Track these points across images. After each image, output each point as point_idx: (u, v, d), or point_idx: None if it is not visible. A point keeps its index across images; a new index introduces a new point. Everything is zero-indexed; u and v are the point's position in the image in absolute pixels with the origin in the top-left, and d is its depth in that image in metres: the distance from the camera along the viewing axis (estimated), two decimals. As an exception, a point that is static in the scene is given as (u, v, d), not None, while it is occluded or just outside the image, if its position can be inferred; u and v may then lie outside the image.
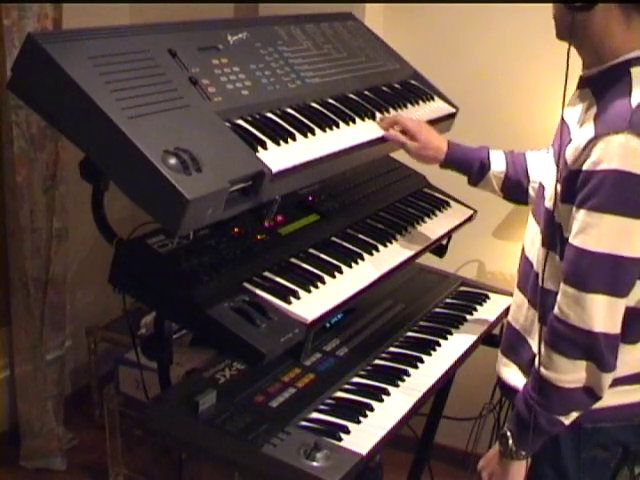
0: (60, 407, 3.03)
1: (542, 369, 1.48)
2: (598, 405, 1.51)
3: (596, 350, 1.42)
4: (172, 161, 1.25)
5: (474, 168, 1.88)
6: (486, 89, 2.71)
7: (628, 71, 1.46)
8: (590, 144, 1.41)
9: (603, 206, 1.39)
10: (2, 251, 2.87)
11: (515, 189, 1.89)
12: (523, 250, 1.72)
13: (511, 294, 2.24)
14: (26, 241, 2.81)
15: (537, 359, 1.51)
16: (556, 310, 1.47)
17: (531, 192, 1.87)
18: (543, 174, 1.67)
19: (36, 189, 2.79)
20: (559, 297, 1.47)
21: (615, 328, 1.43)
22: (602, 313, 1.41)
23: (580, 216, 1.42)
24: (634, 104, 1.41)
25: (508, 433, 1.57)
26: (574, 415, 1.50)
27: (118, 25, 1.57)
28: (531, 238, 1.66)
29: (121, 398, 2.77)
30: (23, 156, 2.73)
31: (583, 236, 1.42)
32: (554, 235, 1.53)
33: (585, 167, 1.41)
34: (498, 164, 1.88)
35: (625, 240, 1.40)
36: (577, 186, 1.43)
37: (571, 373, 1.45)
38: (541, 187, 1.64)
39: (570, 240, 1.45)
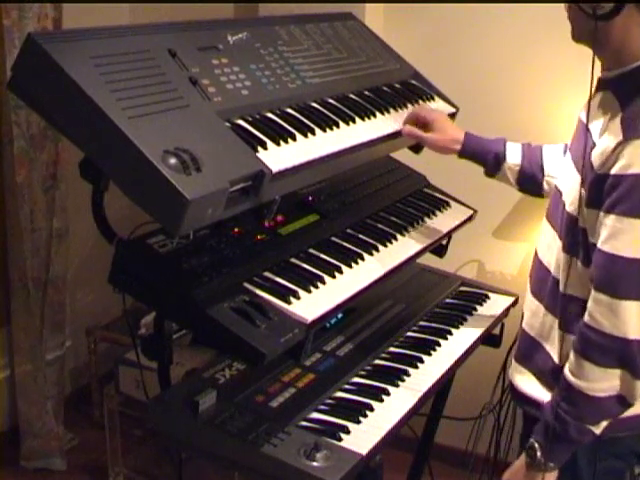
0: (60, 407, 3.03)
1: (572, 378, 1.46)
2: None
3: (631, 358, 1.39)
4: (172, 161, 1.25)
5: (489, 160, 1.89)
6: (486, 89, 2.71)
7: None
8: (619, 147, 1.38)
9: (634, 211, 1.36)
10: (2, 251, 2.87)
11: (530, 182, 1.89)
12: (537, 255, 1.69)
13: (511, 294, 2.26)
14: (26, 241, 2.81)
15: (565, 368, 1.48)
16: (587, 318, 1.44)
17: (545, 186, 1.87)
18: (560, 179, 1.64)
19: (36, 189, 2.79)
20: (590, 304, 1.43)
21: None
22: (636, 320, 1.38)
23: (610, 221, 1.39)
24: None
25: (536, 445, 1.53)
26: (604, 424, 1.47)
27: (118, 25, 1.57)
28: (547, 243, 1.63)
29: (121, 398, 2.77)
30: (23, 156, 2.73)
31: (614, 242, 1.39)
32: (576, 240, 1.50)
33: (614, 171, 1.39)
34: (513, 157, 1.89)
35: None
36: (605, 190, 1.41)
37: (603, 382, 1.42)
38: (557, 192, 1.61)
39: (599, 246, 1.42)
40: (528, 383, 1.66)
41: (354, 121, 1.78)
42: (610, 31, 1.45)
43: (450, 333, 2.00)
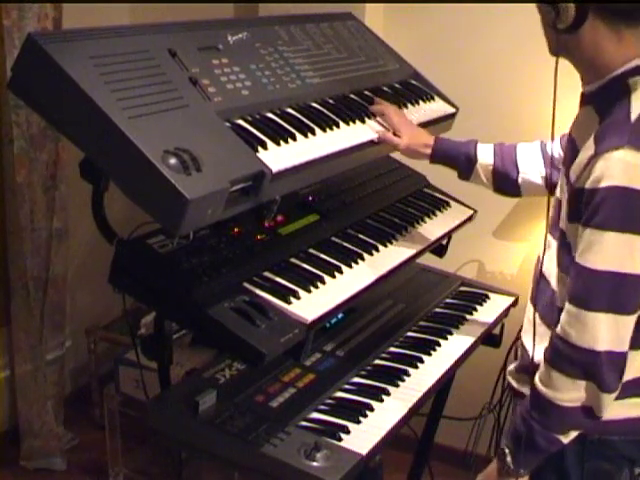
0: (60, 407, 3.03)
1: (541, 386, 1.46)
2: (605, 417, 1.48)
3: (596, 370, 1.39)
4: (172, 161, 1.25)
5: (461, 162, 1.89)
6: (486, 89, 2.71)
7: (626, 83, 1.44)
8: (591, 162, 1.39)
9: (605, 223, 1.36)
10: (2, 251, 2.87)
11: (504, 181, 1.89)
12: (540, 266, 1.66)
13: (511, 294, 2.26)
14: (26, 241, 2.81)
15: (536, 377, 1.49)
16: (558, 328, 1.44)
17: (521, 183, 1.87)
18: (558, 191, 1.63)
19: (36, 189, 2.79)
20: (562, 315, 1.44)
21: (620, 346, 1.40)
22: (605, 331, 1.38)
23: (585, 235, 1.40)
24: (633, 117, 1.39)
25: (506, 450, 1.54)
26: (573, 434, 1.47)
27: (118, 25, 1.57)
28: (549, 255, 1.61)
29: (121, 398, 2.77)
30: (23, 156, 2.73)
31: (586, 254, 1.40)
32: (567, 254, 1.50)
33: (587, 185, 1.39)
34: (485, 157, 1.89)
35: (628, 257, 1.37)
36: (582, 205, 1.41)
37: (570, 392, 1.42)
38: (558, 202, 1.60)
39: (576, 259, 1.43)
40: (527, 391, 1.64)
41: (354, 121, 1.78)
42: (579, 45, 1.46)
43: (450, 333, 2.00)
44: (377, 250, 1.81)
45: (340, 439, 1.52)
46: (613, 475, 1.58)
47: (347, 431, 1.55)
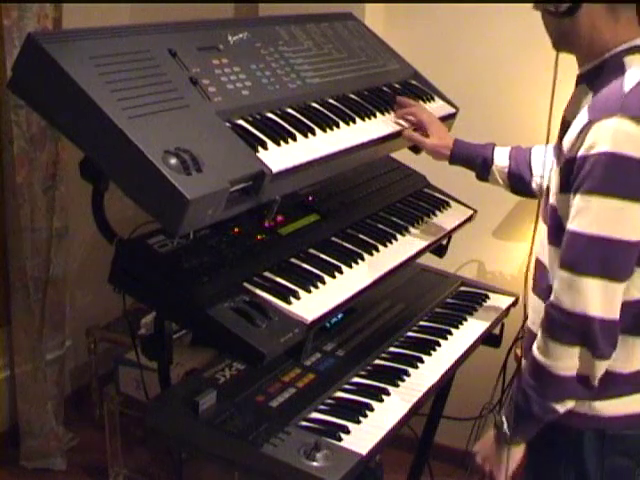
0: (60, 407, 3.03)
1: (538, 355, 1.48)
2: (623, 412, 1.50)
3: (590, 335, 1.40)
4: (172, 161, 1.25)
5: (478, 165, 1.94)
6: (486, 89, 2.71)
7: (622, 61, 1.47)
8: (584, 130, 1.41)
9: (595, 188, 1.39)
10: (2, 251, 2.87)
11: (519, 183, 1.93)
12: (535, 254, 1.69)
13: (511, 294, 2.26)
14: (26, 241, 2.81)
15: (534, 346, 1.50)
16: (552, 296, 1.46)
17: (534, 185, 1.90)
18: (548, 176, 1.66)
19: (36, 189, 2.80)
20: (554, 283, 1.46)
21: (612, 313, 1.41)
22: (597, 297, 1.40)
23: (575, 201, 1.42)
24: (626, 88, 1.41)
25: (503, 418, 1.56)
26: (569, 404, 1.48)
27: (118, 25, 1.57)
28: (541, 240, 1.64)
29: (121, 398, 2.77)
30: (23, 156, 2.73)
31: (578, 220, 1.42)
32: (559, 230, 1.52)
33: (579, 153, 1.42)
34: (501, 160, 1.94)
35: (617, 222, 1.39)
36: (573, 173, 1.44)
37: (565, 360, 1.44)
38: (546, 190, 1.63)
39: (567, 226, 1.45)
40: None
41: (354, 121, 1.78)
42: (577, 28, 1.49)
43: (450, 333, 2.00)
44: (377, 250, 1.81)
45: (340, 439, 1.52)
46: (633, 470, 1.59)
47: (347, 431, 1.55)
